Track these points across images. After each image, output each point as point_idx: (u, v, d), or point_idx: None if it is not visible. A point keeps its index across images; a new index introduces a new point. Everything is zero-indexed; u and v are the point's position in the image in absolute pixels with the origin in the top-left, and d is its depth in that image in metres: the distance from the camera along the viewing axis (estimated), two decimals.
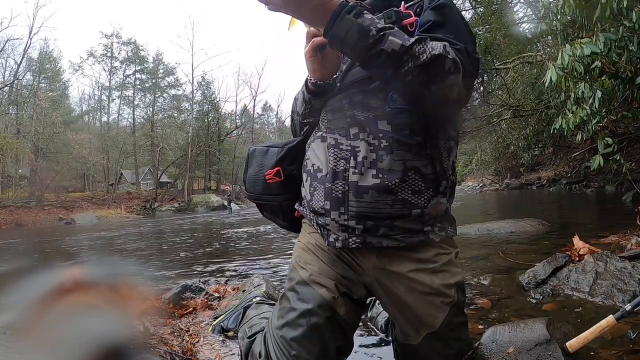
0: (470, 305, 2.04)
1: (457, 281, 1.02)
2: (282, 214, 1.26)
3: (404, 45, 0.82)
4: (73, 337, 1.11)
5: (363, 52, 0.84)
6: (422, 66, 0.82)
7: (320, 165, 1.03)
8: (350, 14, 0.82)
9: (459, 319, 1.04)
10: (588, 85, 4.37)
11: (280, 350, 1.00)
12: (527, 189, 15.76)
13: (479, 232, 4.47)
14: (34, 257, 6.32)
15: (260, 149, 1.30)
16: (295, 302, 1.02)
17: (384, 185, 0.92)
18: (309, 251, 1.09)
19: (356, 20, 0.82)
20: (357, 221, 0.95)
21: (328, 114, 1.06)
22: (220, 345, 1.72)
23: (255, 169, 1.28)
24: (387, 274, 1.00)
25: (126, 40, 37.15)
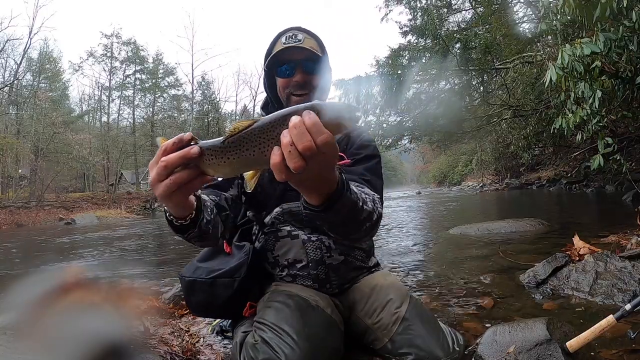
0: (471, 305, 2.04)
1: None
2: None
3: (371, 212, 0.99)
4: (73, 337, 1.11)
5: (341, 220, 0.88)
6: (374, 225, 1.04)
7: (297, 257, 1.38)
8: (348, 191, 0.84)
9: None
10: (588, 85, 4.37)
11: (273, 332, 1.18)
12: (527, 188, 15.76)
13: (479, 232, 4.47)
14: (34, 257, 6.32)
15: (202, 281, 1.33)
16: (286, 299, 1.28)
17: (346, 260, 1.42)
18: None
19: (351, 197, 0.86)
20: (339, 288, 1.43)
21: (285, 215, 1.39)
22: (220, 345, 1.72)
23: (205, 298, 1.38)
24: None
25: (126, 40, 37.19)
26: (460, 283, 2.46)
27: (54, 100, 30.78)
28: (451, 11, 17.74)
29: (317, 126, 0.63)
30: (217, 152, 0.69)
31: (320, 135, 0.62)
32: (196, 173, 0.72)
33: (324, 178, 0.76)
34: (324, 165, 0.69)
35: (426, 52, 13.66)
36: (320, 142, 0.62)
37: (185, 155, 0.69)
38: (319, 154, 0.63)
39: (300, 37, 1.36)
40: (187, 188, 0.74)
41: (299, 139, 0.62)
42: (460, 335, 1.44)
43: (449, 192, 22.03)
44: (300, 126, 0.62)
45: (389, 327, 1.30)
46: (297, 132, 0.62)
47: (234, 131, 0.68)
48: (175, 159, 0.70)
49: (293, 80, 1.36)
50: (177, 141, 0.71)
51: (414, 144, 17.52)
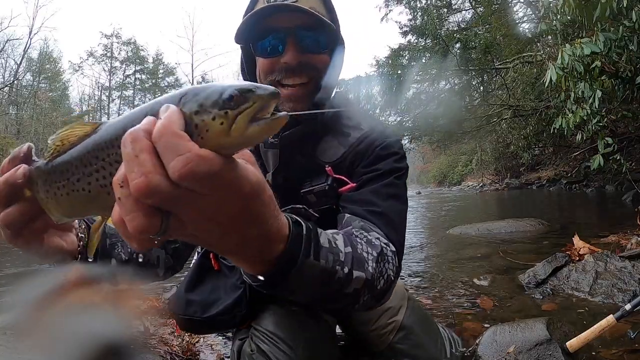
0: (471, 305, 2.04)
1: None
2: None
3: (370, 279, 0.68)
4: (73, 337, 1.11)
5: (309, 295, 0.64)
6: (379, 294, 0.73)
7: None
8: (310, 255, 0.56)
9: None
10: (588, 84, 4.37)
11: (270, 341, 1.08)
12: (527, 188, 15.76)
13: (479, 232, 4.47)
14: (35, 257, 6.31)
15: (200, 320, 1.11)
16: (283, 302, 1.12)
17: None
18: None
19: (318, 264, 0.58)
20: None
21: None
22: (220, 345, 1.72)
23: (204, 331, 1.26)
24: None
25: (126, 40, 37.26)
26: (460, 283, 2.46)
27: (54, 100, 30.80)
28: (451, 11, 17.77)
29: (170, 137, 0.33)
30: (42, 180, 0.45)
31: (175, 159, 0.32)
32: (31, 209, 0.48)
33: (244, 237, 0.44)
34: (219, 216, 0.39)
35: (426, 52, 13.67)
36: (175, 172, 0.32)
37: (8, 181, 0.46)
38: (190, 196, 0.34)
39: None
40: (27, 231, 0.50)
41: (128, 171, 0.33)
42: (459, 338, 1.44)
43: (449, 192, 22.04)
44: (135, 142, 0.33)
45: (386, 335, 1.25)
46: (125, 157, 0.34)
47: (61, 144, 0.43)
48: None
49: (281, 61, 0.92)
50: (12, 157, 0.48)
51: (414, 144, 17.52)
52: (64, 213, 0.46)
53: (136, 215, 0.34)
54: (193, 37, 48.24)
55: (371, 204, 0.88)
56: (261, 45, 0.94)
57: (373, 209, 0.87)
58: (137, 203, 0.34)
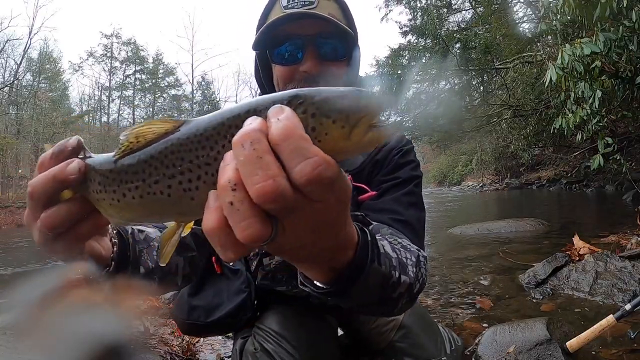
0: (471, 305, 2.04)
1: None
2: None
3: (412, 284, 0.67)
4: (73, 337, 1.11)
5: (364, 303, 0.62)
6: (414, 298, 0.71)
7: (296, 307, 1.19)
8: (375, 260, 0.54)
9: None
10: (588, 84, 4.37)
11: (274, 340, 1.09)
12: (527, 188, 15.76)
13: (479, 232, 4.47)
14: (34, 257, 6.31)
15: (203, 324, 1.10)
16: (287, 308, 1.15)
17: None
18: None
19: (380, 269, 0.57)
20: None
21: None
22: (220, 345, 1.72)
23: (207, 334, 1.26)
24: None
25: (126, 40, 37.23)
26: (459, 283, 2.46)
27: (54, 100, 30.79)
28: (451, 11, 17.78)
29: (297, 140, 0.31)
30: (106, 180, 0.40)
31: (302, 163, 0.30)
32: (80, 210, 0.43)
33: (328, 244, 0.42)
34: (319, 224, 0.36)
35: (426, 52, 13.68)
36: (302, 176, 0.30)
37: (57, 176, 0.40)
38: (304, 202, 0.32)
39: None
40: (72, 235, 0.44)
41: (249, 174, 0.31)
42: (459, 338, 1.44)
43: (449, 192, 22.04)
44: (256, 142, 0.31)
45: (386, 333, 1.27)
46: (244, 158, 0.31)
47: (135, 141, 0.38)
48: (43, 182, 0.41)
49: (300, 70, 0.90)
50: (56, 151, 0.43)
51: (414, 143, 17.49)
52: (129, 217, 0.41)
53: (253, 222, 0.31)
54: (193, 37, 48.26)
55: (395, 213, 0.88)
56: (279, 52, 0.91)
57: (397, 218, 0.86)
58: (253, 208, 0.31)
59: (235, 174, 0.31)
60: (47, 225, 0.42)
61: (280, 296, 1.18)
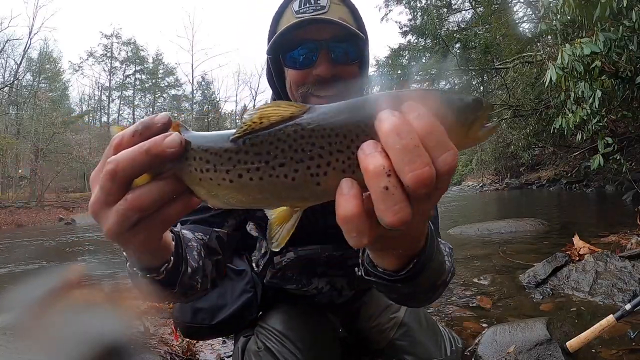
0: (471, 305, 2.04)
1: None
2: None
3: (449, 272, 0.71)
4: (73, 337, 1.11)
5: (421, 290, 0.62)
6: (447, 284, 0.74)
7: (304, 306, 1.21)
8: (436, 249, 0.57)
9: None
10: (588, 84, 4.37)
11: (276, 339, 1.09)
12: (527, 188, 15.76)
13: (479, 232, 4.47)
14: (34, 257, 6.32)
15: (208, 327, 1.11)
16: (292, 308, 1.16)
17: (356, 292, 1.24)
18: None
19: (440, 256, 0.61)
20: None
21: (301, 261, 1.08)
22: (220, 345, 1.72)
23: (210, 336, 1.27)
24: None
25: (126, 40, 37.27)
26: (460, 283, 2.46)
27: (54, 100, 30.79)
28: (451, 11, 17.78)
29: (440, 134, 0.34)
30: (218, 158, 0.37)
31: (445, 154, 0.34)
32: (174, 189, 0.39)
33: (416, 232, 0.47)
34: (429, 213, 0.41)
35: (426, 52, 13.69)
36: (444, 166, 0.34)
37: (151, 150, 0.36)
38: (435, 191, 0.35)
39: (323, 1, 0.90)
40: (159, 218, 0.40)
41: (407, 161, 0.33)
42: (459, 337, 1.44)
43: (449, 192, 22.03)
44: (410, 133, 0.33)
45: (387, 331, 1.27)
46: (402, 147, 0.33)
47: (259, 122, 0.37)
48: (133, 157, 0.37)
49: (313, 73, 0.91)
50: (141, 128, 0.38)
51: None
52: (238, 199, 0.38)
53: (404, 205, 0.33)
54: (193, 37, 48.32)
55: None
56: (291, 57, 0.92)
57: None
58: (404, 193, 0.33)
59: (387, 161, 0.33)
60: (136, 206, 0.38)
61: (287, 295, 1.18)
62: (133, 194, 0.38)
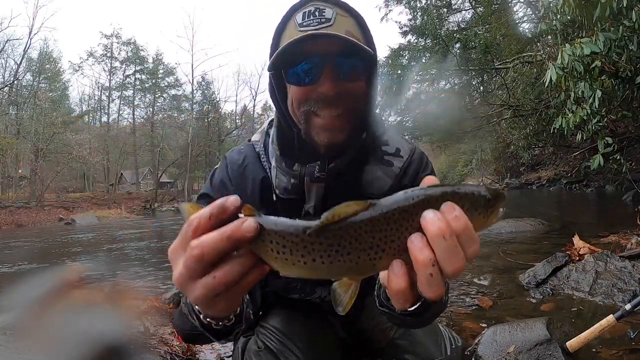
0: (470, 305, 2.04)
1: None
2: None
3: (446, 290, 0.71)
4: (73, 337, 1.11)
5: (428, 319, 0.72)
6: (444, 306, 0.78)
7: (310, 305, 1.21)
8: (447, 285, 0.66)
9: None
10: (588, 84, 4.37)
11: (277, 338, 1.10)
12: (527, 188, 15.76)
13: (478, 232, 4.47)
14: (34, 257, 6.32)
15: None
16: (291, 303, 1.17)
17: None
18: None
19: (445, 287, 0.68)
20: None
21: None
22: (220, 345, 1.72)
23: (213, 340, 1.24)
24: None
25: (126, 40, 37.23)
26: (459, 283, 2.46)
27: (54, 100, 30.78)
28: (451, 11, 17.76)
29: (471, 231, 0.44)
30: (294, 245, 0.45)
31: (473, 246, 0.45)
32: (252, 264, 0.46)
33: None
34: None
35: (426, 52, 13.68)
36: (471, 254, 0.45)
37: (232, 236, 0.43)
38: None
39: (328, 13, 0.83)
40: (240, 287, 0.47)
41: (449, 258, 0.43)
42: (459, 337, 1.44)
43: None
44: (452, 237, 0.43)
45: (387, 331, 1.27)
46: (446, 247, 0.43)
47: (331, 218, 0.44)
48: (216, 244, 0.43)
49: (317, 91, 0.85)
50: (216, 211, 0.44)
51: (416, 142, 17.53)
52: (307, 274, 0.47)
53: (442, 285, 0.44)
54: (193, 37, 48.30)
55: None
56: (294, 72, 0.85)
57: None
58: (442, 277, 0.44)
59: (433, 255, 0.43)
60: (223, 282, 0.45)
61: (289, 300, 1.18)
62: (221, 272, 0.45)
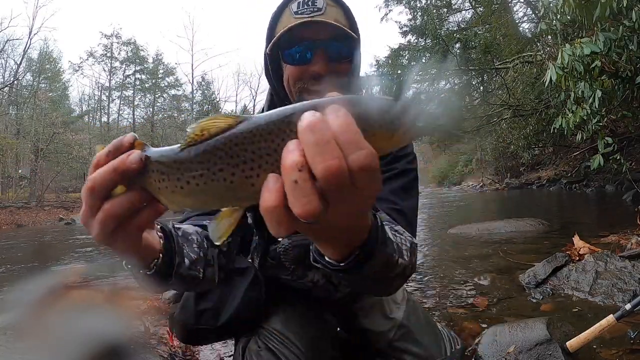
0: (470, 305, 2.04)
1: None
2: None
3: (406, 266, 0.74)
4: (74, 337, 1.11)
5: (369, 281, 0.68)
6: (405, 279, 0.80)
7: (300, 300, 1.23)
8: (382, 243, 0.60)
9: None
10: (588, 84, 4.37)
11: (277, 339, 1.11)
12: (527, 188, 15.74)
13: (479, 232, 4.47)
14: (34, 257, 6.32)
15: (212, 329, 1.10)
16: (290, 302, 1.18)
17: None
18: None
19: (386, 251, 0.63)
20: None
21: (295, 250, 1.12)
22: (220, 345, 1.72)
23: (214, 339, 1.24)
24: None
25: (126, 40, 37.18)
26: (459, 283, 2.46)
27: (54, 101, 30.76)
28: (451, 11, 17.76)
29: (353, 133, 0.36)
30: (169, 169, 0.44)
31: (357, 152, 0.36)
32: (141, 198, 0.46)
33: (353, 227, 0.50)
34: (355, 209, 0.43)
35: (426, 52, 13.67)
36: (356, 163, 0.36)
37: (118, 167, 0.44)
38: (351, 187, 0.37)
39: (320, 3, 0.97)
40: (133, 224, 0.48)
41: (318, 154, 0.35)
42: (459, 338, 1.44)
43: (449, 191, 22.04)
44: (322, 130, 0.36)
45: (385, 332, 1.27)
46: (314, 141, 0.36)
47: (200, 134, 0.42)
48: (104, 175, 0.44)
49: (310, 70, 0.99)
50: (112, 148, 0.46)
51: (414, 143, 17.51)
52: (190, 203, 0.45)
53: (313, 199, 0.36)
54: (193, 37, 48.32)
55: (392, 203, 0.97)
56: (290, 54, 1.01)
57: (394, 207, 0.96)
58: (314, 187, 0.36)
59: (301, 157, 0.36)
60: (111, 214, 0.45)
61: (285, 291, 1.20)
62: (108, 205, 0.45)
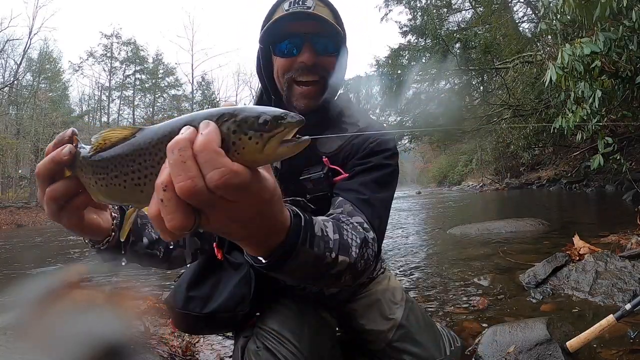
0: (470, 305, 2.04)
1: None
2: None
3: (353, 263, 0.78)
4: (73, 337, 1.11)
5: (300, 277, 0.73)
6: (359, 274, 0.83)
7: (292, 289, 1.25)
8: (306, 243, 0.64)
9: None
10: (588, 84, 4.37)
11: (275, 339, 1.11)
12: (527, 188, 15.74)
13: (479, 232, 4.47)
14: (35, 257, 6.32)
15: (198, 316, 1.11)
16: (288, 302, 1.19)
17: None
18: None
19: (312, 251, 0.66)
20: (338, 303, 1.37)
21: None
22: (220, 345, 1.72)
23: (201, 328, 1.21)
24: None
25: (126, 40, 37.16)
26: (459, 283, 2.46)
27: (54, 101, 30.76)
28: (451, 11, 17.75)
29: (210, 152, 0.38)
30: (85, 167, 0.52)
31: (212, 171, 0.38)
32: (75, 186, 0.55)
33: (253, 231, 0.52)
34: (239, 216, 0.45)
35: (426, 52, 13.65)
36: (212, 182, 0.38)
37: (55, 158, 0.53)
38: (220, 200, 0.40)
39: (309, 2, 1.05)
40: (72, 206, 0.57)
41: (175, 174, 0.38)
42: (459, 338, 1.44)
43: (449, 192, 22.04)
44: (183, 150, 0.38)
45: (384, 333, 1.27)
46: (173, 162, 0.39)
47: (103, 143, 0.49)
48: (45, 164, 0.53)
49: (298, 61, 1.05)
50: (57, 141, 0.55)
51: (414, 143, 17.50)
52: (102, 198, 0.53)
53: (176, 216, 0.40)
54: (193, 37, 48.27)
55: (360, 193, 1.00)
56: (280, 47, 1.07)
57: (361, 197, 0.99)
58: (178, 204, 0.39)
59: (168, 177, 0.39)
60: (51, 197, 0.54)
61: (277, 289, 1.20)
62: (49, 189, 0.54)
